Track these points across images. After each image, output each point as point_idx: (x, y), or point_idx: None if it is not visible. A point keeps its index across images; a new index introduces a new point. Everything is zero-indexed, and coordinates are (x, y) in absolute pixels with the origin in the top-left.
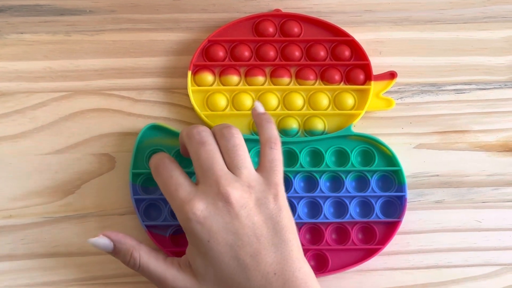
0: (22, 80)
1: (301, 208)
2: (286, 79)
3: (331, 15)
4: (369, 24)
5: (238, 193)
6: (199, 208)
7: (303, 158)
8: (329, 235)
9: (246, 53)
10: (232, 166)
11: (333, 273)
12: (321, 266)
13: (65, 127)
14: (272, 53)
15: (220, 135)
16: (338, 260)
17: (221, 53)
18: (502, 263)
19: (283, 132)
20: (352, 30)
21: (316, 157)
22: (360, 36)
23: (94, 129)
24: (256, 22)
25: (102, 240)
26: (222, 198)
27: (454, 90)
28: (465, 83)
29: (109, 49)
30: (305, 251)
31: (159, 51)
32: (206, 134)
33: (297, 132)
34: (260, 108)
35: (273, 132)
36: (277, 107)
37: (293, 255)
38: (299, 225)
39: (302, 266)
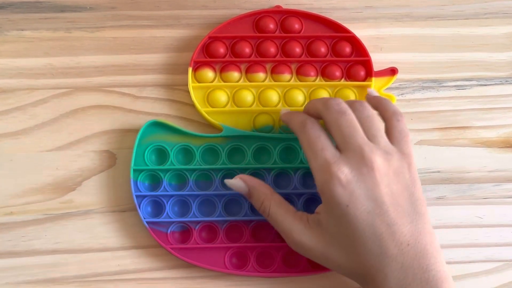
0: (22, 77)
1: (301, 205)
2: (287, 76)
3: (331, 11)
4: (370, 20)
5: (380, 161)
6: (344, 172)
7: (303, 155)
8: None
9: (247, 50)
10: (369, 134)
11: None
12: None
13: (65, 124)
14: (272, 50)
15: (353, 108)
16: None
17: (221, 50)
18: (503, 259)
19: (284, 128)
20: (352, 27)
21: None
22: (360, 32)
23: (95, 126)
24: (256, 19)
25: (238, 183)
26: (366, 164)
27: (455, 86)
28: (466, 79)
29: (110, 45)
30: None
31: (160, 47)
32: (345, 105)
33: None
34: (374, 92)
35: (396, 108)
36: (278, 104)
37: (426, 228)
38: None
39: (433, 240)
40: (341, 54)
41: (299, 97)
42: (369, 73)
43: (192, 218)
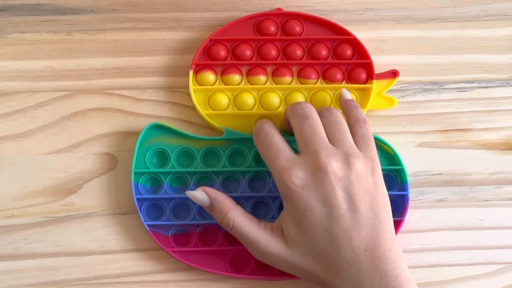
0: (23, 79)
1: None
2: (288, 78)
3: (332, 14)
4: (371, 22)
5: (338, 165)
6: (298, 177)
7: None
8: None
9: (248, 52)
10: (333, 139)
11: None
12: None
13: (66, 126)
14: (273, 52)
15: (321, 115)
16: None
17: (222, 52)
18: (505, 261)
19: (284, 132)
20: (353, 29)
21: None
22: (361, 34)
23: (95, 128)
24: (257, 21)
25: (200, 195)
26: (321, 169)
27: (456, 88)
28: (467, 82)
29: (111, 48)
30: None
31: (161, 50)
32: (309, 110)
33: None
34: (347, 95)
35: (361, 114)
36: (279, 106)
37: (385, 233)
38: None
39: (393, 247)
40: (342, 56)
41: (300, 99)
42: (370, 75)
43: (193, 221)
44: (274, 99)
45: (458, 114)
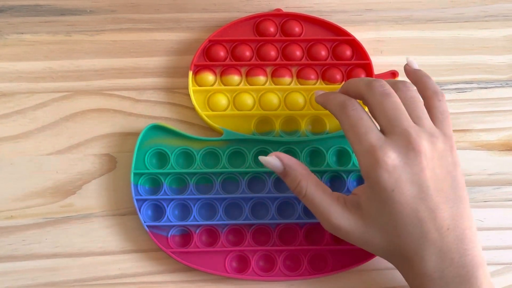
0: (22, 80)
1: (302, 208)
2: (287, 79)
3: (331, 14)
4: (370, 23)
5: (427, 145)
6: (391, 156)
7: (304, 158)
8: (329, 235)
9: (247, 53)
10: (414, 116)
11: (334, 273)
12: (321, 266)
13: (65, 127)
14: (273, 53)
15: (395, 88)
16: (339, 260)
17: (222, 53)
18: (504, 262)
19: (284, 132)
20: (353, 29)
21: (317, 156)
22: (361, 35)
23: (95, 129)
24: (257, 22)
25: (273, 161)
26: (414, 149)
27: (455, 89)
28: (466, 82)
29: (110, 49)
30: (305, 251)
31: (160, 51)
32: (389, 87)
33: (299, 132)
34: (415, 64)
35: (437, 86)
36: (278, 107)
37: (465, 213)
38: (300, 225)
39: (472, 226)
40: (342, 57)
41: (299, 100)
42: (370, 76)
43: (193, 222)
44: (274, 100)
45: (458, 115)
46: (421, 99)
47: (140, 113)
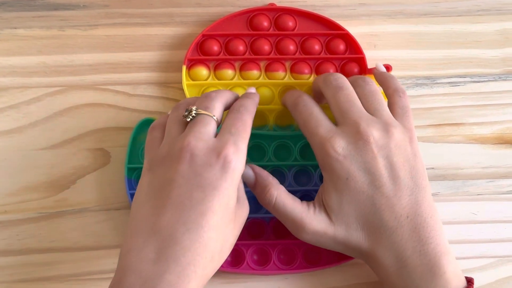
0: (16, 75)
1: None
2: (281, 73)
3: (325, 9)
4: (363, 17)
5: (378, 134)
6: (340, 146)
7: (298, 152)
8: None
9: (241, 47)
10: (371, 109)
11: (328, 267)
12: (315, 260)
13: (59, 122)
14: (266, 47)
15: (355, 84)
16: (333, 254)
17: (215, 48)
18: (497, 255)
19: (278, 126)
20: (346, 24)
21: (310, 151)
22: (354, 29)
23: (88, 124)
24: (250, 16)
25: (246, 170)
26: (362, 137)
27: (448, 83)
28: (459, 76)
29: (103, 44)
30: (300, 245)
31: (154, 45)
32: (342, 80)
33: (292, 126)
34: (382, 68)
35: (399, 84)
36: (272, 101)
37: (426, 201)
38: None
39: (434, 214)
40: (335, 51)
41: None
42: (363, 70)
43: None
44: (267, 94)
45: (451, 109)
46: (380, 93)
47: (134, 107)
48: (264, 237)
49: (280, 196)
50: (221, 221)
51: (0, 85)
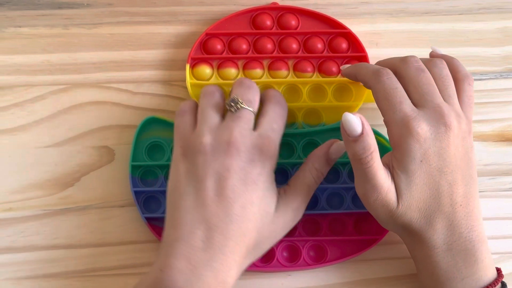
0: (20, 73)
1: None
2: (284, 72)
3: (327, 7)
4: (366, 16)
5: (455, 122)
6: (424, 128)
7: (301, 150)
8: (327, 226)
9: (244, 46)
10: (444, 94)
11: (332, 263)
12: (320, 257)
13: (64, 120)
14: (269, 46)
15: (432, 64)
16: (337, 251)
17: (219, 46)
18: (499, 251)
19: (307, 124)
20: (348, 22)
21: (314, 149)
22: (356, 28)
23: (93, 121)
24: (253, 15)
25: (357, 122)
26: (445, 123)
27: None
28: None
29: (107, 42)
30: (304, 242)
31: (157, 44)
32: (422, 64)
33: (295, 124)
34: (439, 50)
35: (467, 70)
36: None
37: (475, 192)
38: None
39: (478, 205)
40: (338, 50)
41: (296, 93)
42: None
43: None
44: None
45: None
46: (452, 79)
47: (137, 105)
48: None
49: (378, 160)
50: (259, 214)
51: (4, 83)
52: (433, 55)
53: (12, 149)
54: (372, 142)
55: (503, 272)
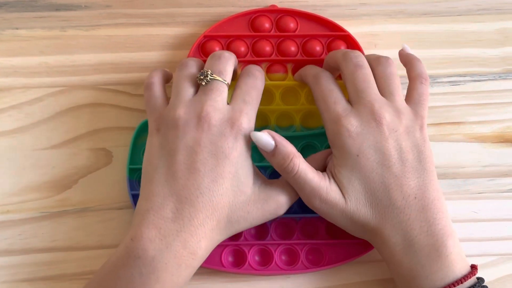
0: (18, 75)
1: (297, 202)
2: (282, 75)
3: (326, 9)
4: (364, 17)
5: (390, 117)
6: (354, 124)
7: (300, 153)
8: (325, 229)
9: (242, 49)
10: (385, 91)
11: (330, 266)
12: (317, 260)
13: (61, 122)
14: (268, 49)
15: (377, 62)
16: (335, 254)
17: (217, 49)
18: (498, 253)
19: (279, 127)
20: (347, 24)
21: (312, 151)
22: (355, 29)
23: (90, 124)
24: (252, 18)
25: (266, 137)
26: (375, 119)
27: (449, 82)
28: (460, 75)
29: (105, 44)
30: (301, 245)
31: (155, 45)
32: (362, 59)
33: (294, 127)
34: (408, 49)
35: (423, 69)
36: (273, 102)
37: (433, 184)
38: (296, 220)
39: (440, 197)
40: None
41: (294, 96)
42: None
43: None
44: (269, 95)
45: (451, 108)
46: (398, 77)
47: (135, 107)
48: (266, 237)
49: (302, 164)
50: (231, 190)
51: (2, 86)
52: (400, 53)
53: (10, 151)
54: (289, 150)
55: (504, 273)
